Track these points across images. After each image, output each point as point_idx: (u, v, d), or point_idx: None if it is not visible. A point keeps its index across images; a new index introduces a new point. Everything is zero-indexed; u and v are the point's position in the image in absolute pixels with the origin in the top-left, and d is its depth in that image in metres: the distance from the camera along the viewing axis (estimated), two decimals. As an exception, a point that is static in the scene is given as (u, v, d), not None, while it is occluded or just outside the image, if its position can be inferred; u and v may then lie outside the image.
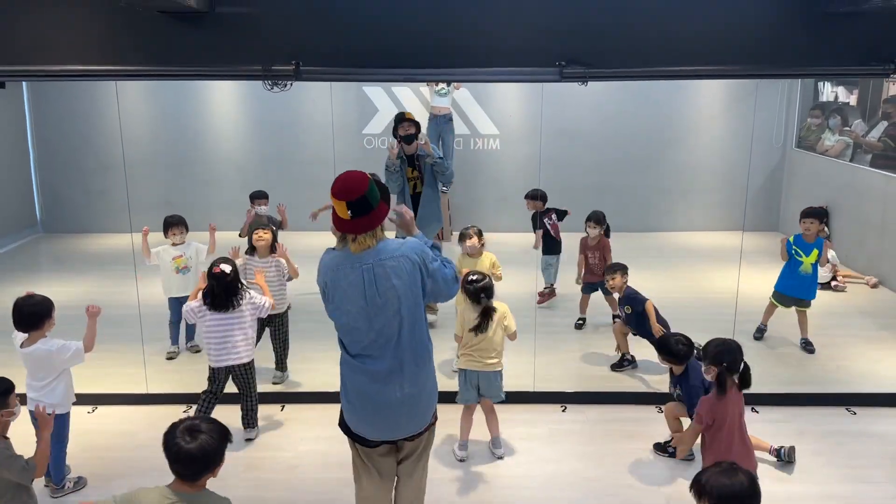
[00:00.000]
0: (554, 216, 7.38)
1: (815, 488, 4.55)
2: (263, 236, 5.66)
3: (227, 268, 4.82)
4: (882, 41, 4.66)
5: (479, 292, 4.65)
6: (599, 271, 6.75)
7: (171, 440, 2.64)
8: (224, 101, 10.72)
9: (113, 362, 6.10)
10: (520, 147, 10.66)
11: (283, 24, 4.65)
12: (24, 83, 10.05)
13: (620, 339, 6.14)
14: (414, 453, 3.57)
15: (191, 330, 6.45)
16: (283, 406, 5.53)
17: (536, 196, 7.37)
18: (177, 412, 5.32)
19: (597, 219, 6.92)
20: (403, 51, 4.71)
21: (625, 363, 6.11)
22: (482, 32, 4.70)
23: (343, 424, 3.50)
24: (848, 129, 9.33)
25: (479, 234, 6.03)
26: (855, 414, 5.42)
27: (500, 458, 4.86)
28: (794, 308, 6.55)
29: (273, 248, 5.70)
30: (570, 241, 7.35)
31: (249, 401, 5.09)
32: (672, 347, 4.70)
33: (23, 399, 3.99)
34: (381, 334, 3.26)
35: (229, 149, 10.82)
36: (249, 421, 5.12)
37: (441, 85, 9.78)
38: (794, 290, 6.49)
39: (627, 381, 5.94)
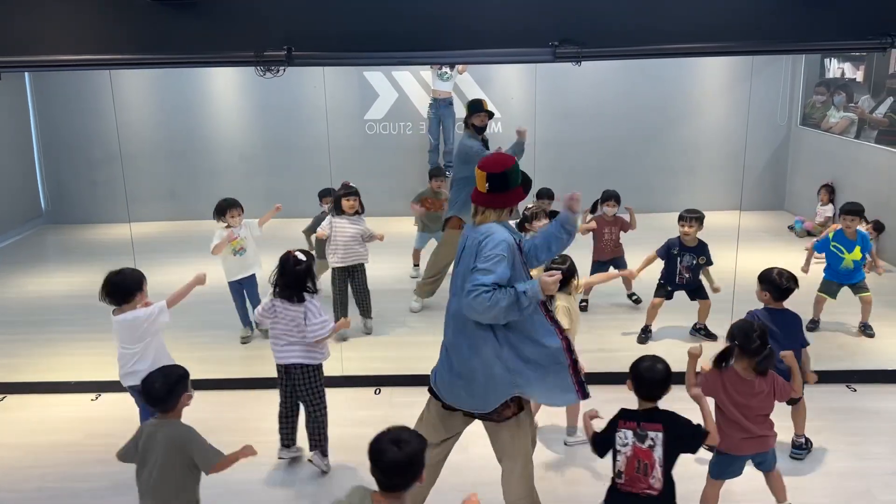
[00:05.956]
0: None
1: (816, 465, 4.55)
2: (353, 203, 6.28)
3: (300, 255, 4.37)
4: (880, 15, 4.60)
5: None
6: (612, 248, 6.91)
7: (380, 453, 2.64)
8: (227, 89, 10.71)
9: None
10: (522, 129, 10.60)
11: (275, 10, 4.65)
12: (26, 74, 10.08)
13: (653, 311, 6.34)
14: (496, 438, 3.66)
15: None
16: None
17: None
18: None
19: (616, 197, 7.01)
20: (395, 34, 4.70)
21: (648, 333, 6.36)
22: (474, 14, 4.68)
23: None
24: (853, 105, 9.24)
25: None
26: (855, 391, 5.40)
27: (565, 443, 4.84)
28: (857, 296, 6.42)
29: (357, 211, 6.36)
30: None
31: (315, 416, 4.47)
32: (769, 276, 4.48)
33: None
34: (453, 299, 3.51)
35: (233, 137, 10.82)
36: (315, 441, 4.49)
37: (444, 69, 9.72)
38: (841, 279, 6.36)
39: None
